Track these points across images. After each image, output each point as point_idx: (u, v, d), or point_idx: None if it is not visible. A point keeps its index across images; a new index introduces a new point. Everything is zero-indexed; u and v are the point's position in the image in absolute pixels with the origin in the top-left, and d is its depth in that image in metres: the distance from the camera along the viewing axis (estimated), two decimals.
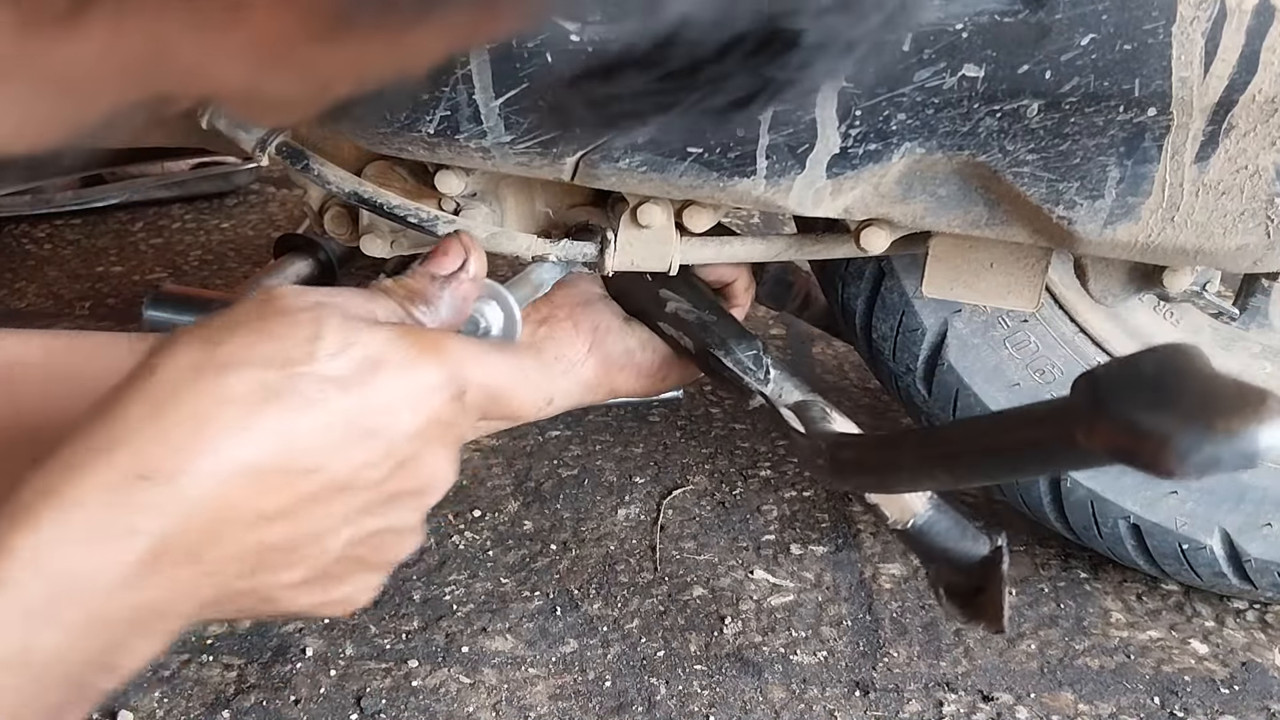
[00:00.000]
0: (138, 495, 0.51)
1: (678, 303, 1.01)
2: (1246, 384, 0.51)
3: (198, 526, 0.52)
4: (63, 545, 0.49)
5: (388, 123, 0.84)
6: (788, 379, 1.01)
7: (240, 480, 0.53)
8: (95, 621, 0.51)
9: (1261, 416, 0.50)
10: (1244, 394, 0.51)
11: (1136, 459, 0.52)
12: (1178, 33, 0.72)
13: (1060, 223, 0.81)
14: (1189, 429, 0.50)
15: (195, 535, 0.52)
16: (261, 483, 0.54)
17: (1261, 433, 0.49)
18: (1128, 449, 0.52)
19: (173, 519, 0.51)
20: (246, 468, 0.53)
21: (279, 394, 0.54)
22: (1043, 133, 0.77)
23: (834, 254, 0.96)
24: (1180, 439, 0.50)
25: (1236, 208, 0.79)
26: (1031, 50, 0.74)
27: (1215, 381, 0.52)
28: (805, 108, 0.78)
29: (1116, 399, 0.53)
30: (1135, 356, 0.55)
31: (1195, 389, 0.52)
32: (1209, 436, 0.50)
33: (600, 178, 0.85)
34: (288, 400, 0.54)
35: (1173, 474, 0.50)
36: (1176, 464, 0.50)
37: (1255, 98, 0.74)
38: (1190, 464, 0.50)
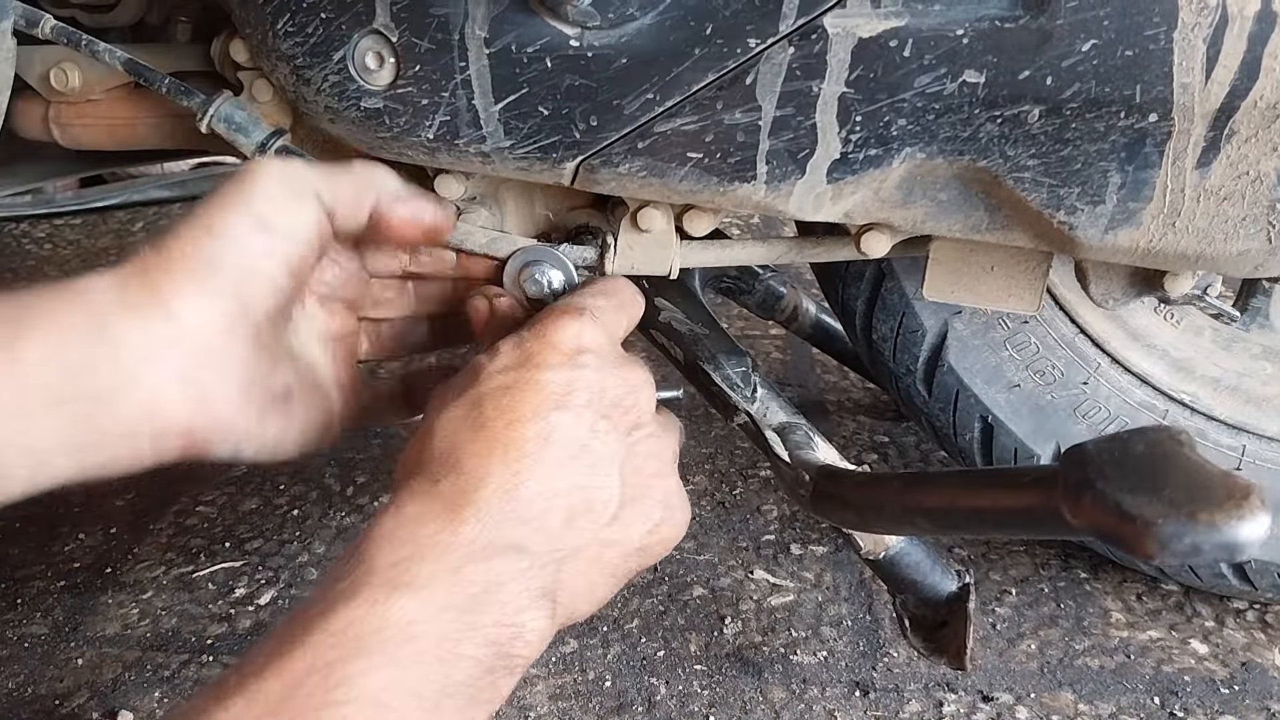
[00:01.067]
0: (439, 492, 0.66)
1: (671, 312, 1.01)
2: (1232, 475, 0.52)
3: (492, 494, 0.66)
4: (402, 527, 0.64)
5: (387, 128, 0.84)
6: (774, 399, 1.01)
7: (496, 449, 0.68)
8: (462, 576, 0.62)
9: (1244, 510, 0.51)
10: (1229, 486, 0.52)
11: (1119, 541, 0.53)
12: (1179, 39, 0.72)
13: (1061, 228, 0.81)
14: (1172, 517, 0.51)
15: (495, 498, 0.66)
16: (516, 444, 0.68)
17: (1243, 527, 0.50)
18: (1111, 530, 0.53)
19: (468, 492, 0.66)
20: (497, 441, 0.68)
21: (482, 396, 0.70)
22: (1044, 138, 0.77)
23: (834, 257, 0.96)
24: (1163, 527, 0.51)
25: (1238, 213, 0.78)
26: (1033, 56, 0.74)
27: (1202, 470, 0.53)
28: (806, 113, 0.78)
29: (1103, 478, 0.54)
30: (1126, 436, 0.56)
31: (1182, 476, 0.53)
32: (1191, 527, 0.51)
33: (600, 183, 0.84)
34: (491, 395, 0.70)
35: (1153, 559, 0.51)
36: (1157, 551, 0.51)
37: (1257, 104, 0.73)
38: (1171, 552, 0.51)
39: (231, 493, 1.55)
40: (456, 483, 0.66)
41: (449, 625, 0.61)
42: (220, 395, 0.69)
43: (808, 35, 0.76)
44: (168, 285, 0.67)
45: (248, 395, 0.70)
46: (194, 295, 0.68)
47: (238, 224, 0.70)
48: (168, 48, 1.03)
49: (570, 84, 0.79)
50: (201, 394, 0.68)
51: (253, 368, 0.71)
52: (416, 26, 0.79)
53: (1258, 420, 1.16)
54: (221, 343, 0.69)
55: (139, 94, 1.00)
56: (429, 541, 0.63)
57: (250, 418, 0.71)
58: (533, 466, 0.67)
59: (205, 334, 0.68)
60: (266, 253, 0.71)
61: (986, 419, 1.16)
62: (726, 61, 0.77)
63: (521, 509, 0.66)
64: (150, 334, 0.66)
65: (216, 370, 0.68)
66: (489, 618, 0.62)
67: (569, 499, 0.69)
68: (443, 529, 0.64)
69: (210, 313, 0.68)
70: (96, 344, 0.65)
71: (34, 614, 1.31)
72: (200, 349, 0.68)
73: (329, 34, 0.81)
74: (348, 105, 0.84)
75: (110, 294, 0.67)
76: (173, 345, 0.67)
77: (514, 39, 0.78)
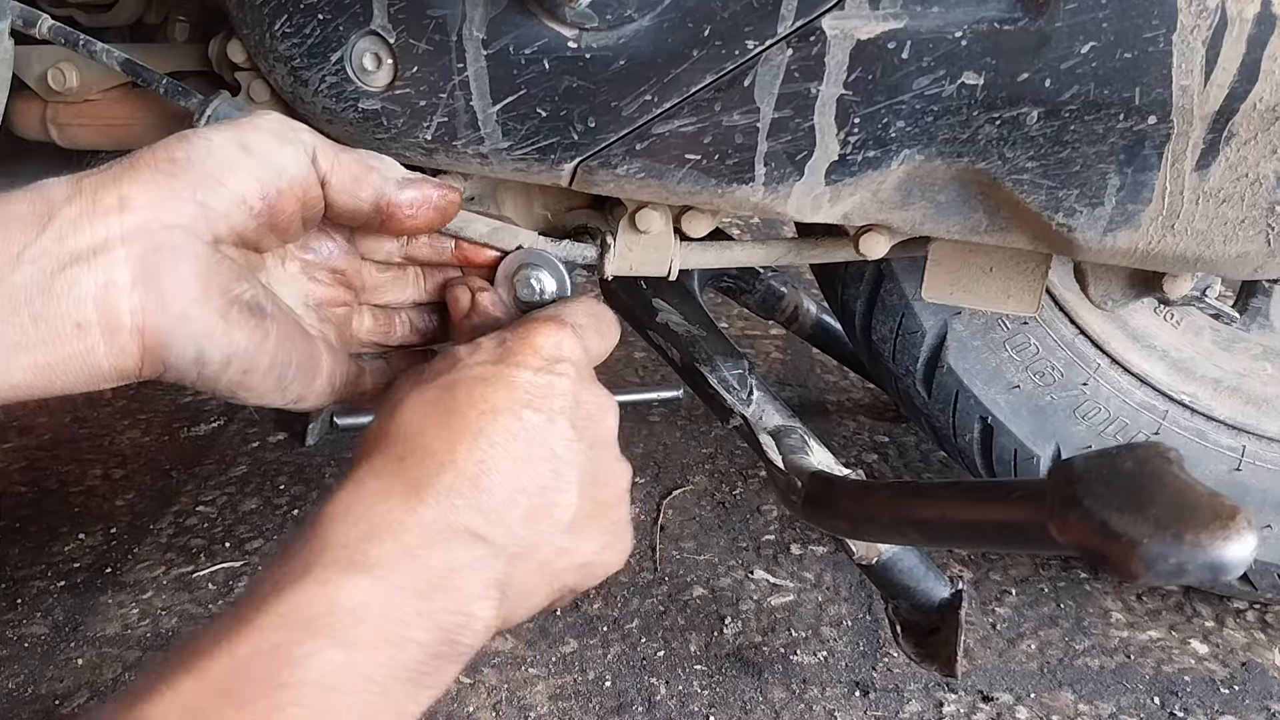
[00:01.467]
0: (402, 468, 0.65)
1: (669, 314, 1.01)
2: (1219, 496, 0.52)
3: (454, 477, 0.65)
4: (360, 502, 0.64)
5: (385, 129, 0.84)
6: (770, 402, 1.00)
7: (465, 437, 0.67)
8: (419, 560, 0.62)
9: (1229, 531, 0.50)
10: (1215, 506, 0.51)
11: (1104, 560, 0.53)
12: (1178, 41, 0.72)
13: (1060, 230, 0.81)
14: (1158, 537, 0.51)
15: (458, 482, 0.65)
16: (485, 434, 0.67)
17: (1229, 548, 0.50)
18: (1096, 549, 0.53)
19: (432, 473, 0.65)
20: (467, 429, 0.67)
21: (456, 383, 0.69)
22: (1042, 140, 0.77)
23: (834, 258, 0.96)
24: (1148, 546, 0.51)
25: (1237, 215, 0.78)
26: (1031, 58, 0.74)
27: (1189, 490, 0.53)
28: (804, 115, 0.78)
29: (1091, 495, 0.54)
30: (1115, 452, 0.56)
31: (1169, 495, 0.53)
32: (1176, 547, 0.50)
33: (598, 184, 0.84)
34: (465, 384, 0.69)
35: (1138, 579, 0.51)
36: (1142, 570, 0.51)
37: (1256, 106, 0.73)
38: (1155, 572, 0.51)
39: (231, 493, 1.55)
40: (421, 463, 0.65)
41: (400, 607, 0.60)
42: (175, 285, 0.66)
43: (806, 37, 0.75)
44: (127, 177, 0.66)
45: (206, 290, 0.67)
46: (152, 188, 0.66)
47: (216, 139, 0.69)
48: (165, 48, 1.02)
49: (568, 85, 0.79)
50: (154, 282, 0.65)
51: (212, 268, 0.68)
52: (414, 28, 0.79)
53: (1258, 421, 1.16)
54: (179, 239, 0.66)
55: (136, 94, 1.00)
56: (386, 519, 0.62)
57: (212, 315, 0.68)
58: (499, 459, 0.66)
59: (159, 225, 0.65)
60: (240, 170, 0.69)
61: (986, 420, 1.16)
62: (724, 63, 0.77)
63: (483, 498, 0.65)
64: (99, 220, 0.64)
65: (171, 261, 0.66)
66: (440, 603, 0.62)
67: (530, 498, 0.68)
68: (401, 507, 0.63)
69: (166, 208, 0.66)
70: (43, 230, 0.63)
71: (34, 614, 1.31)
72: (154, 239, 0.65)
73: (327, 35, 0.81)
74: (345, 106, 0.84)
75: (64, 185, 0.65)
76: (124, 232, 0.64)
77: (512, 40, 0.78)
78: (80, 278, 0.63)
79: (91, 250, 0.63)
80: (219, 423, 1.74)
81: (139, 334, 0.65)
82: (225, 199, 0.68)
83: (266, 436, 1.69)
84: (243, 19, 0.84)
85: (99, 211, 0.64)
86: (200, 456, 1.65)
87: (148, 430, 1.73)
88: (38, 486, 1.58)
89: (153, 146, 0.68)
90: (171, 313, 0.66)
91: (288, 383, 0.74)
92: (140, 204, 0.65)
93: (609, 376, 1.81)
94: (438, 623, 0.61)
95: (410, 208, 0.77)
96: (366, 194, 0.75)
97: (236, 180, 0.69)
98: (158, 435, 1.71)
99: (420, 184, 0.77)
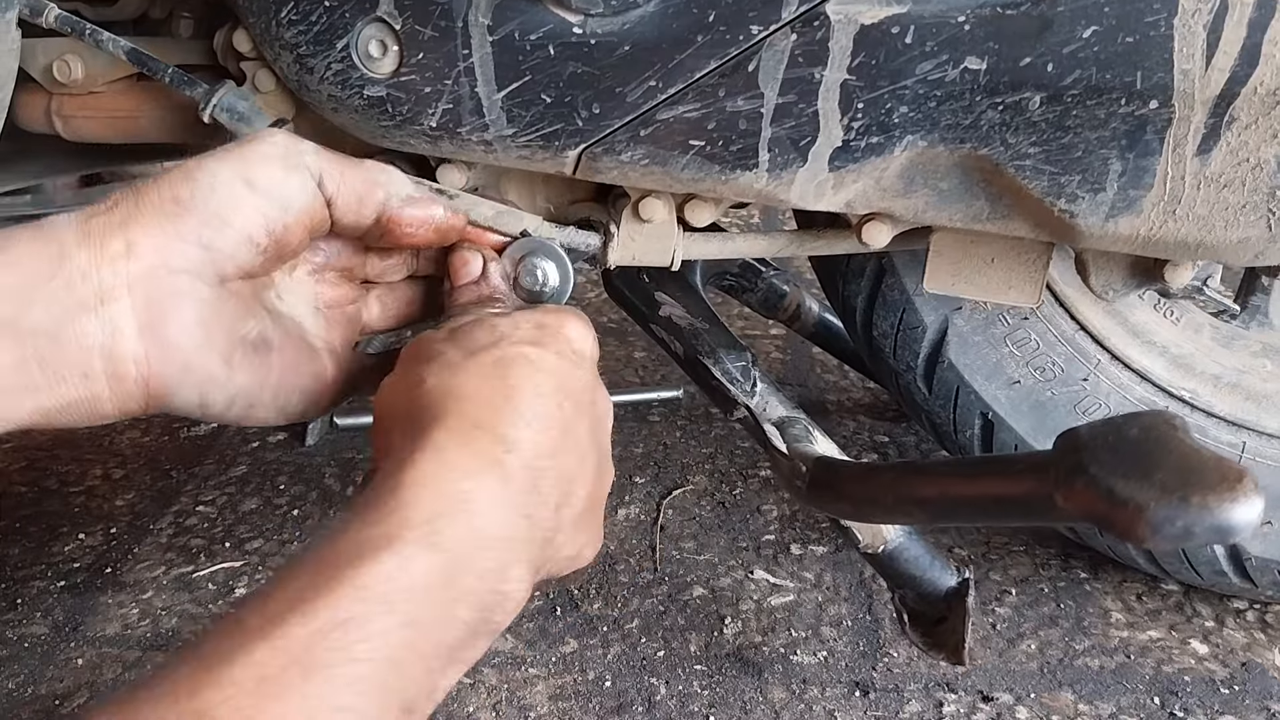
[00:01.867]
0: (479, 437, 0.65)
1: (672, 307, 1.01)
2: (1225, 459, 0.52)
3: (519, 459, 0.65)
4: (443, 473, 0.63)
5: (390, 116, 0.84)
6: (774, 393, 1.01)
7: (531, 421, 0.67)
8: (480, 537, 0.62)
9: (1237, 493, 0.51)
10: (1222, 469, 0.52)
11: (1110, 526, 0.53)
12: (1179, 25, 0.72)
13: (1062, 216, 0.81)
14: (1164, 501, 0.51)
15: (521, 464, 0.65)
16: (543, 422, 0.67)
17: (1236, 509, 0.50)
18: (1103, 515, 0.53)
19: (505, 452, 0.65)
20: (531, 412, 0.67)
21: (509, 362, 0.69)
22: (1044, 126, 0.78)
23: (835, 250, 0.96)
24: (1155, 510, 0.51)
25: (1238, 200, 0.79)
26: (1033, 43, 0.75)
27: (1195, 454, 0.53)
28: (808, 100, 0.79)
29: (1096, 463, 0.54)
30: (1119, 420, 0.56)
31: (1174, 460, 0.53)
32: (1183, 510, 0.51)
33: (602, 171, 0.85)
34: (518, 364, 0.69)
35: (1144, 543, 0.52)
36: (1149, 534, 0.51)
37: (1257, 90, 0.74)
38: (1163, 535, 0.51)
39: (231, 493, 1.55)
40: (494, 441, 0.65)
41: (459, 585, 0.61)
42: (178, 333, 0.67)
43: (810, 22, 0.76)
44: (134, 221, 0.67)
45: (209, 337, 0.69)
46: (157, 232, 0.67)
47: (220, 174, 0.69)
48: (170, 42, 1.03)
49: (573, 71, 0.80)
50: (158, 331, 0.66)
51: (218, 311, 0.69)
52: (420, 14, 0.80)
53: (1258, 417, 1.16)
54: (184, 284, 0.67)
55: (141, 86, 1.00)
56: (462, 496, 0.62)
57: (213, 361, 0.69)
58: (553, 445, 0.67)
59: (165, 271, 0.67)
60: (245, 208, 0.70)
61: (987, 415, 1.16)
62: (729, 49, 0.77)
63: (539, 483, 0.66)
64: (107, 267, 0.65)
65: (175, 309, 0.67)
66: (488, 583, 0.62)
67: (564, 485, 0.69)
68: (476, 486, 0.63)
69: (172, 253, 0.67)
70: (51, 275, 0.64)
71: (34, 614, 1.31)
72: (159, 286, 0.66)
73: (332, 22, 0.82)
74: (351, 94, 0.84)
75: (72, 227, 0.66)
76: (130, 279, 0.65)
77: (517, 26, 0.79)
78: (88, 326, 0.65)
79: (99, 299, 0.65)
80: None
81: (144, 383, 0.67)
82: (231, 239, 0.69)
83: (266, 436, 1.69)
84: (248, 7, 0.85)
85: (106, 258, 0.65)
86: (200, 456, 1.64)
87: (148, 430, 1.73)
88: (38, 486, 1.58)
89: (158, 182, 0.69)
90: (175, 363, 0.67)
91: (292, 408, 0.76)
92: (146, 250, 0.66)
93: (609, 377, 1.82)
94: (482, 601, 0.62)
95: (411, 226, 0.78)
96: (370, 211, 0.76)
97: (242, 219, 0.70)
98: (158, 435, 1.71)
99: (425, 203, 0.79)
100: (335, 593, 0.56)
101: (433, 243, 0.81)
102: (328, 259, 0.82)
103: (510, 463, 0.65)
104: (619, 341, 1.96)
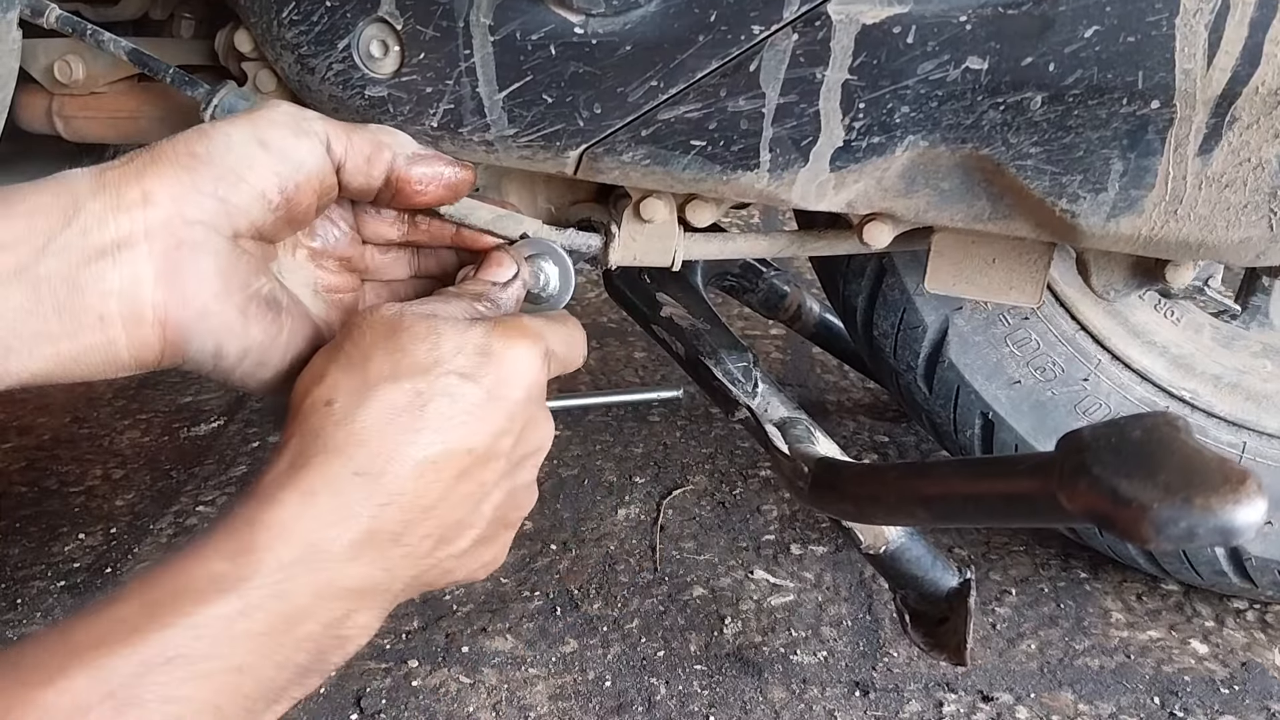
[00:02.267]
0: (355, 488, 0.63)
1: (673, 307, 1.01)
2: (1228, 461, 0.52)
3: (396, 512, 0.64)
4: (305, 521, 0.61)
5: (391, 116, 0.84)
6: (775, 394, 1.01)
7: (424, 470, 0.65)
8: (331, 589, 0.62)
9: (1240, 495, 0.50)
10: (1225, 471, 0.52)
11: (1114, 526, 0.53)
12: (1181, 25, 0.72)
13: (1063, 216, 0.81)
14: (1168, 502, 0.51)
15: (396, 518, 0.65)
16: (437, 470, 0.66)
17: (1239, 511, 0.50)
18: (1106, 515, 0.53)
19: (380, 505, 0.64)
20: (426, 460, 0.65)
21: (430, 396, 0.66)
22: (1046, 125, 0.78)
23: (836, 250, 0.96)
24: (1158, 511, 0.51)
25: (1239, 200, 0.79)
26: (1035, 42, 0.75)
27: (1198, 455, 0.53)
28: (809, 100, 0.79)
29: (1099, 463, 0.54)
30: (1123, 421, 0.56)
31: (1178, 461, 0.53)
32: (1187, 511, 0.50)
33: (603, 171, 0.85)
34: (438, 400, 0.66)
35: (1148, 544, 0.51)
36: (1153, 535, 0.51)
37: (1259, 90, 0.74)
38: (1166, 536, 0.51)
39: (231, 493, 1.55)
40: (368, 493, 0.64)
41: (298, 635, 0.61)
42: (196, 281, 0.67)
43: (811, 22, 0.76)
44: (150, 172, 0.66)
45: (226, 286, 0.68)
46: (174, 183, 0.66)
47: (234, 134, 0.70)
48: (171, 43, 1.03)
49: (574, 71, 0.80)
50: (176, 278, 0.66)
51: (232, 264, 0.69)
52: (421, 14, 0.80)
53: (1258, 417, 1.16)
54: (200, 234, 0.67)
55: (142, 86, 1.00)
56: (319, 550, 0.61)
57: (231, 310, 0.69)
58: (438, 496, 0.66)
59: (181, 221, 0.66)
60: (259, 165, 0.70)
61: (987, 415, 1.17)
62: (730, 48, 0.77)
63: (408, 534, 0.65)
64: (123, 214, 0.65)
65: (193, 257, 0.67)
66: (330, 631, 0.63)
67: (445, 530, 0.68)
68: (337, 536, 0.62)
69: (188, 203, 0.67)
70: (66, 223, 0.64)
71: (34, 614, 1.31)
72: (176, 235, 0.66)
73: (334, 22, 0.82)
74: (352, 94, 0.84)
75: (86, 178, 0.66)
76: (147, 227, 0.65)
77: (518, 26, 0.79)
78: (105, 272, 0.64)
79: (116, 245, 0.65)
80: (219, 423, 1.74)
81: (160, 328, 0.66)
82: (246, 194, 0.69)
83: (266, 436, 1.69)
84: (250, 7, 0.85)
85: (123, 206, 0.65)
86: (200, 456, 1.64)
87: (148, 430, 1.73)
88: (38, 486, 1.58)
89: (172, 140, 0.69)
90: (193, 308, 0.67)
91: (296, 375, 0.75)
92: (163, 199, 0.66)
93: (609, 377, 1.82)
94: (320, 646, 0.63)
95: (420, 183, 0.77)
96: (378, 172, 0.75)
97: (256, 176, 0.69)
98: (158, 435, 1.71)
99: (431, 160, 0.77)
100: (170, 627, 0.56)
101: (444, 199, 0.79)
102: (326, 244, 0.81)
103: (382, 516, 0.64)
104: (619, 341, 1.96)
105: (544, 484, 1.50)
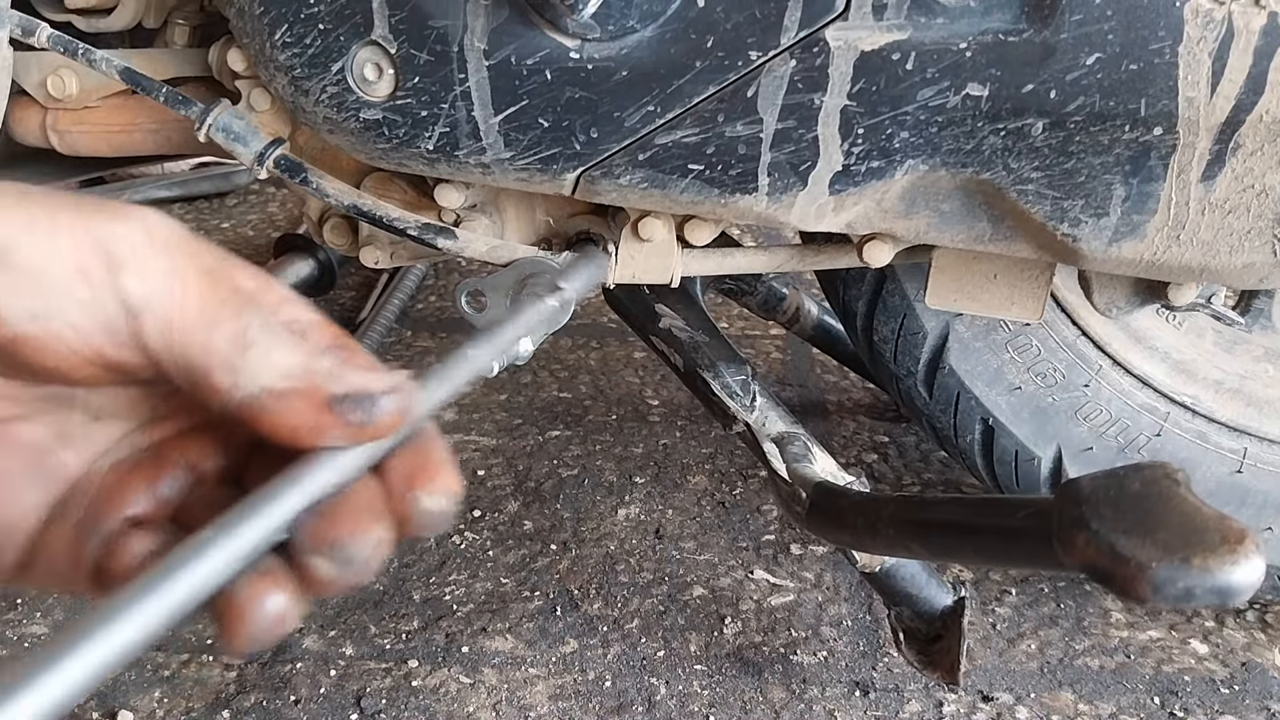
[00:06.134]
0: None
1: (672, 319, 1.01)
2: (1227, 518, 0.52)
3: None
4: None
5: (386, 139, 0.83)
6: (773, 408, 1.00)
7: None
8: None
9: (1238, 555, 0.50)
10: (1223, 530, 0.51)
11: (1111, 582, 0.52)
12: (1184, 53, 0.72)
13: (1065, 240, 0.81)
14: (1166, 561, 0.51)
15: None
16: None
17: (1237, 571, 0.50)
18: (1104, 571, 0.53)
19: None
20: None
21: None
22: (1047, 151, 0.77)
23: (836, 265, 0.96)
24: (1156, 571, 0.51)
25: (1243, 226, 0.78)
26: (1036, 69, 0.74)
27: (1198, 513, 0.53)
28: (808, 125, 0.78)
29: (1098, 517, 0.54)
30: (1122, 473, 0.56)
31: (1177, 518, 0.52)
32: (1185, 571, 0.50)
33: (600, 193, 0.84)
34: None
35: (1144, 603, 0.51)
36: (1150, 593, 0.51)
37: (1263, 117, 0.73)
38: (1163, 596, 0.51)
39: None
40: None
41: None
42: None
43: (809, 48, 0.75)
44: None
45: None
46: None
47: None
48: (165, 53, 1.02)
49: (570, 96, 0.79)
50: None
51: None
52: (415, 38, 0.79)
53: (1259, 423, 1.16)
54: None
55: (137, 100, 0.99)
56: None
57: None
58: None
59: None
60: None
61: (987, 421, 1.16)
62: (728, 74, 0.76)
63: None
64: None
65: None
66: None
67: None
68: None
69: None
70: None
71: (34, 614, 1.31)
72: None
73: (327, 45, 0.81)
74: (346, 116, 0.83)
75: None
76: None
77: (513, 51, 0.78)
78: None
79: None
80: None
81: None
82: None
83: None
84: (243, 28, 0.84)
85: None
86: None
87: None
88: None
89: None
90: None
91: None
92: None
93: (609, 377, 1.81)
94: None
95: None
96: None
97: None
98: None
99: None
100: None
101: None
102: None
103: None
104: (619, 342, 1.95)
105: (544, 484, 1.50)
